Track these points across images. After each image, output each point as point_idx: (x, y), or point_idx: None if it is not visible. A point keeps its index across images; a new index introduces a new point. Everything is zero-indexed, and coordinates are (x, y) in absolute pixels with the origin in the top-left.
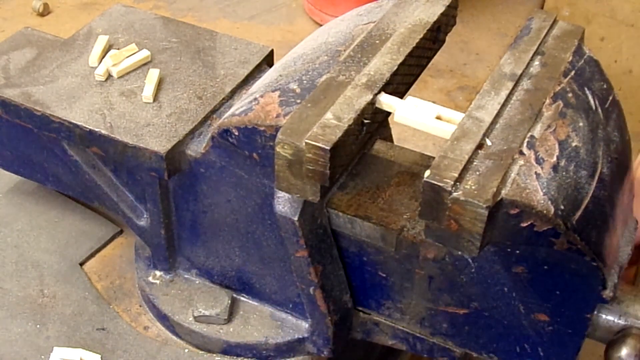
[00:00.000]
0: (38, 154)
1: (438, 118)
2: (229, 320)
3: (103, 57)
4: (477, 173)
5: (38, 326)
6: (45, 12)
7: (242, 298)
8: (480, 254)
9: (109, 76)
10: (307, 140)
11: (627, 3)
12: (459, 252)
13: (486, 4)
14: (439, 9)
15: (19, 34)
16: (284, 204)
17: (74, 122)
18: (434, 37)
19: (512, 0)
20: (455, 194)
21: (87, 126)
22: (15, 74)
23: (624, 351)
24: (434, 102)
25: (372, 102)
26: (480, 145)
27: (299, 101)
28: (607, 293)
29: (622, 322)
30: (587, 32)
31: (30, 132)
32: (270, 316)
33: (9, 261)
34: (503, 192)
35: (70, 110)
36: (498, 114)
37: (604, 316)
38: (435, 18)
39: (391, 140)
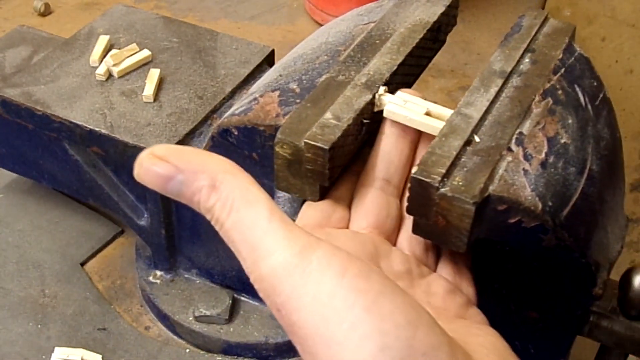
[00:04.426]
0: (38, 154)
1: (427, 114)
2: (229, 320)
3: (104, 56)
4: (465, 169)
5: (39, 326)
6: (46, 12)
7: (243, 298)
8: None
9: (110, 76)
10: (306, 140)
11: (629, 3)
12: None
13: (488, 4)
14: (440, 8)
15: (14, 32)
16: (283, 203)
17: (75, 121)
18: (434, 37)
19: (514, 0)
20: (442, 190)
21: (87, 126)
22: (14, 73)
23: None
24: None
25: (371, 102)
26: (468, 142)
27: (298, 101)
28: (597, 290)
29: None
30: (588, 32)
31: (30, 131)
32: (270, 316)
33: (10, 261)
34: (490, 188)
35: (71, 110)
36: (487, 111)
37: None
38: (435, 18)
39: None
